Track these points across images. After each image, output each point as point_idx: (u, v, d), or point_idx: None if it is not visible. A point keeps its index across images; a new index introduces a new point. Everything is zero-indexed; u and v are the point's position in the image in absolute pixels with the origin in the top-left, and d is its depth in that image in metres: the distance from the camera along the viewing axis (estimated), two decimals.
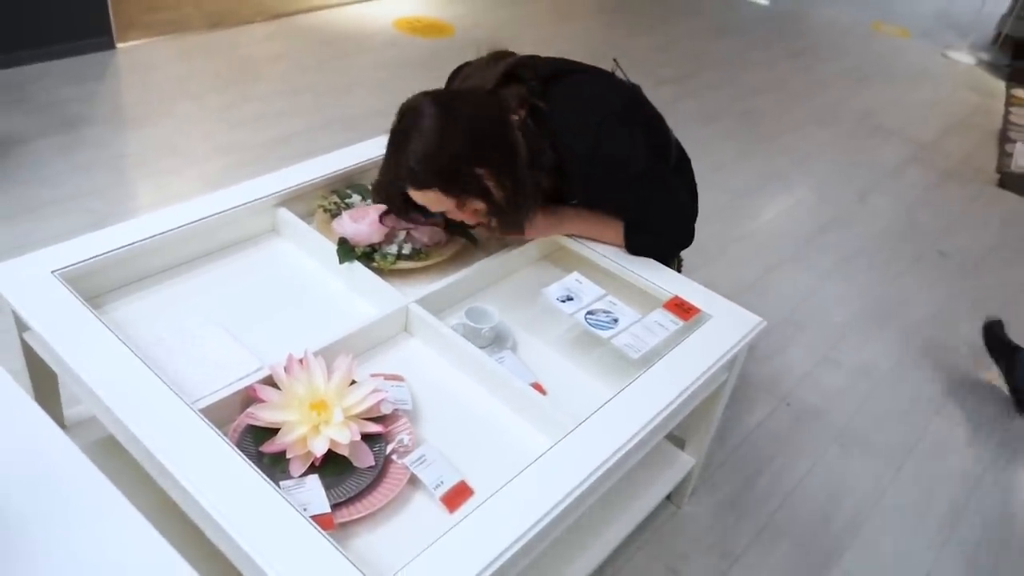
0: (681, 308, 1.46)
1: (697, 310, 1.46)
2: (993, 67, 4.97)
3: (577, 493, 1.09)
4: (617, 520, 1.52)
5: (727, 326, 1.43)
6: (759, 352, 2.28)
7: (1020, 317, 2.66)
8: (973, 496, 1.95)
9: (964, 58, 5.00)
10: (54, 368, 1.28)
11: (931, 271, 2.84)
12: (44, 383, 1.40)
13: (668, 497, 1.76)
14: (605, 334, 1.39)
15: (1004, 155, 3.74)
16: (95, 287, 1.38)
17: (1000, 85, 4.69)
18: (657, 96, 1.69)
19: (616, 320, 1.42)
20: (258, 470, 1.05)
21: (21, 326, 1.30)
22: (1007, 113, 4.26)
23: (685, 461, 1.68)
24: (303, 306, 1.47)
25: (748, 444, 1.99)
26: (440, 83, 1.54)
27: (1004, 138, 3.94)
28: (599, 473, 1.13)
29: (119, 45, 3.39)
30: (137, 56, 3.38)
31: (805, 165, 3.44)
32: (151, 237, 1.41)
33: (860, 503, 1.88)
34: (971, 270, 2.88)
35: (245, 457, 1.06)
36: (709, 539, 1.73)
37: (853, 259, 2.83)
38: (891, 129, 3.91)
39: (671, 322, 1.42)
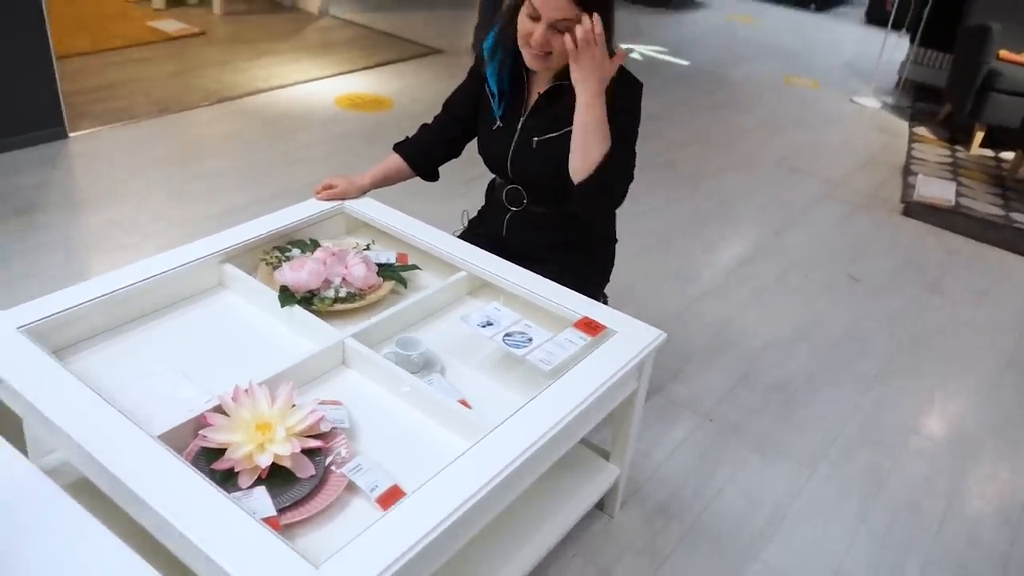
0: (589, 326, 1.64)
1: (603, 327, 1.64)
2: (897, 109, 5.38)
3: (493, 484, 1.25)
4: (547, 525, 1.67)
5: (630, 339, 1.62)
6: (683, 374, 2.48)
7: (926, 333, 2.90)
8: (883, 489, 2.13)
9: (870, 102, 5.40)
10: (23, 415, 1.40)
11: (843, 295, 3.08)
12: (8, 439, 1.52)
13: (602, 508, 1.92)
14: (520, 352, 1.56)
15: (908, 186, 4.06)
16: (58, 341, 1.53)
17: (904, 125, 5.07)
18: None
19: (531, 340, 1.60)
20: (213, 483, 1.19)
21: None
22: (910, 149, 4.61)
23: (611, 471, 1.84)
24: (249, 347, 1.62)
25: (675, 458, 2.15)
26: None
27: (908, 171, 4.27)
28: (513, 467, 1.29)
29: (72, 134, 3.56)
30: (89, 144, 3.56)
31: (727, 208, 3.70)
32: (109, 293, 1.57)
33: (779, 502, 2.05)
34: (880, 291, 3.13)
35: (201, 474, 1.20)
36: (639, 544, 1.88)
37: (770, 288, 3.06)
38: (806, 170, 4.22)
39: (580, 338, 1.60)
